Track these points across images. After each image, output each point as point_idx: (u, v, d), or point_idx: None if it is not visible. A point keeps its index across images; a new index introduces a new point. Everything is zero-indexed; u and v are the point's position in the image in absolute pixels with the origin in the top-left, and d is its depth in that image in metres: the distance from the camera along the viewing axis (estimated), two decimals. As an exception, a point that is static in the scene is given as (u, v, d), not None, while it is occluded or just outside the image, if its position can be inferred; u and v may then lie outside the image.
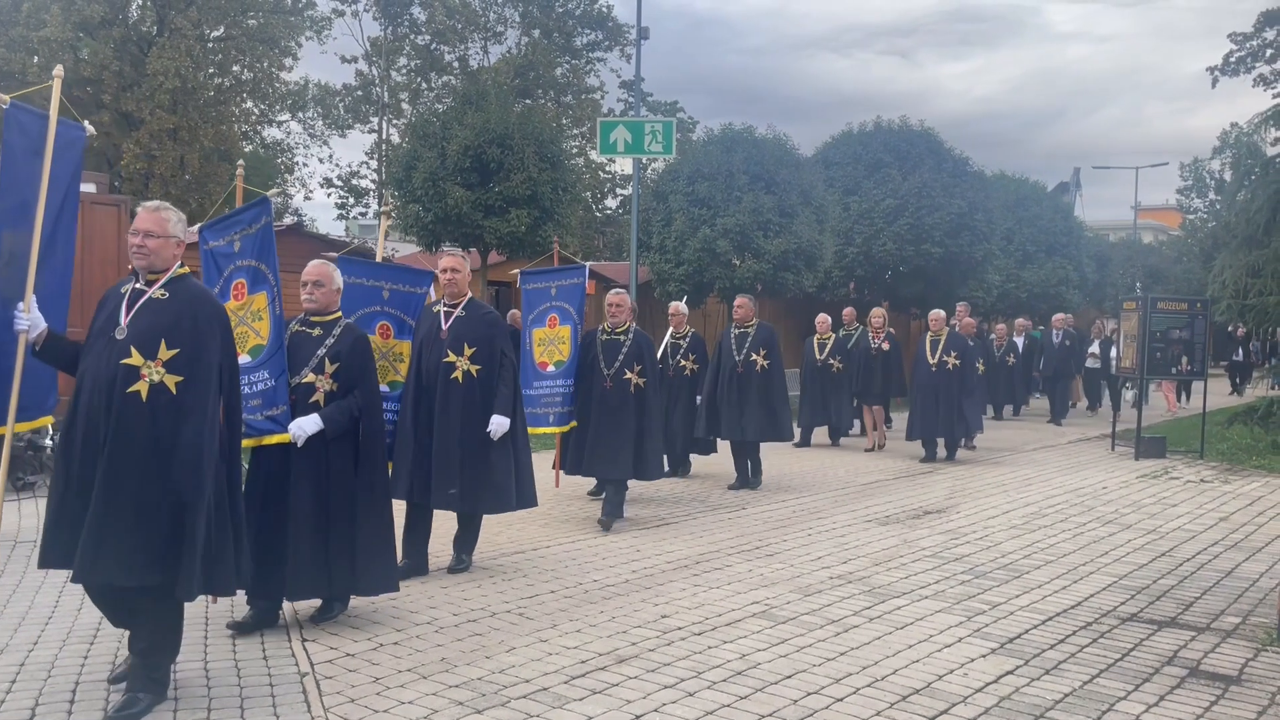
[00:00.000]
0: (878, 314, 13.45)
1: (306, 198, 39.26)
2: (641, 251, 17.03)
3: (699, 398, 9.96)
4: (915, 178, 19.71)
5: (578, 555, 6.87)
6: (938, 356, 12.07)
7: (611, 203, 35.72)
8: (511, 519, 7.91)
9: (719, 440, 10.28)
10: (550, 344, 7.87)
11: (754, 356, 9.82)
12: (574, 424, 7.85)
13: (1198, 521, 8.72)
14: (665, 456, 9.25)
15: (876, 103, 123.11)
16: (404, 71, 36.41)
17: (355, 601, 5.53)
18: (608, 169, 34.37)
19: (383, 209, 7.17)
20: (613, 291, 8.05)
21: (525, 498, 6.35)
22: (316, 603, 5.22)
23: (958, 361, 12.01)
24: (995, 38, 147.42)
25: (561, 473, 8.45)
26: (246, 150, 34.44)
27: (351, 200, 37.37)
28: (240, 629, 4.98)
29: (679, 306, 10.29)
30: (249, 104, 32.86)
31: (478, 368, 6.09)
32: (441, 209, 13.78)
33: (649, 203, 17.68)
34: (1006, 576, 6.60)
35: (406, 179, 14.17)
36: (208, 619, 5.14)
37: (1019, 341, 18.08)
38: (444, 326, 6.13)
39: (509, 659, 4.72)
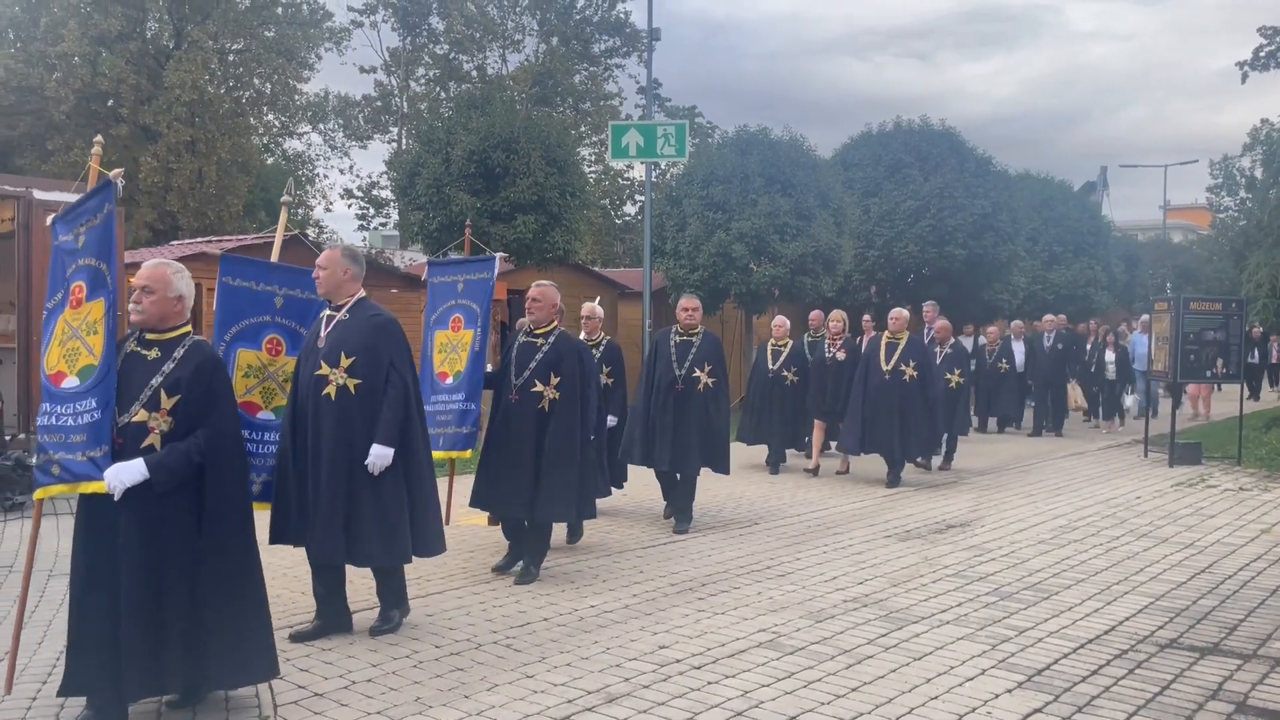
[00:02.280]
0: (836, 317, 11.58)
1: (327, 209, 39.17)
2: (656, 257, 16.69)
3: (611, 418, 8.07)
4: (937, 178, 19.26)
5: (576, 578, 6.49)
6: (893, 363, 10.46)
7: (630, 209, 35.44)
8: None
9: (628, 467, 8.50)
10: (451, 350, 6.63)
11: (698, 372, 8.08)
12: (470, 451, 6.58)
13: (1238, 534, 8.24)
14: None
15: (895, 105, 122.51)
16: (423, 81, 36.31)
17: (333, 633, 5.20)
18: (626, 175, 34.10)
19: (283, 199, 6.00)
20: (535, 285, 6.64)
21: (425, 543, 5.17)
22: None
23: (915, 373, 10.43)
24: (1014, 38, 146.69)
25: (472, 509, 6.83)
26: (268, 162, 34.45)
27: (371, 211, 37.28)
28: None
29: (593, 308, 8.60)
30: (269, 116, 32.83)
31: (356, 382, 4.92)
32: (446, 216, 13.50)
33: (663, 207, 17.33)
34: (1034, 598, 6.17)
35: (410, 185, 13.91)
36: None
37: (1019, 346, 16.27)
38: (322, 333, 5.05)
39: (489, 699, 4.36)
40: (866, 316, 13.15)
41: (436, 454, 6.33)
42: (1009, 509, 9.32)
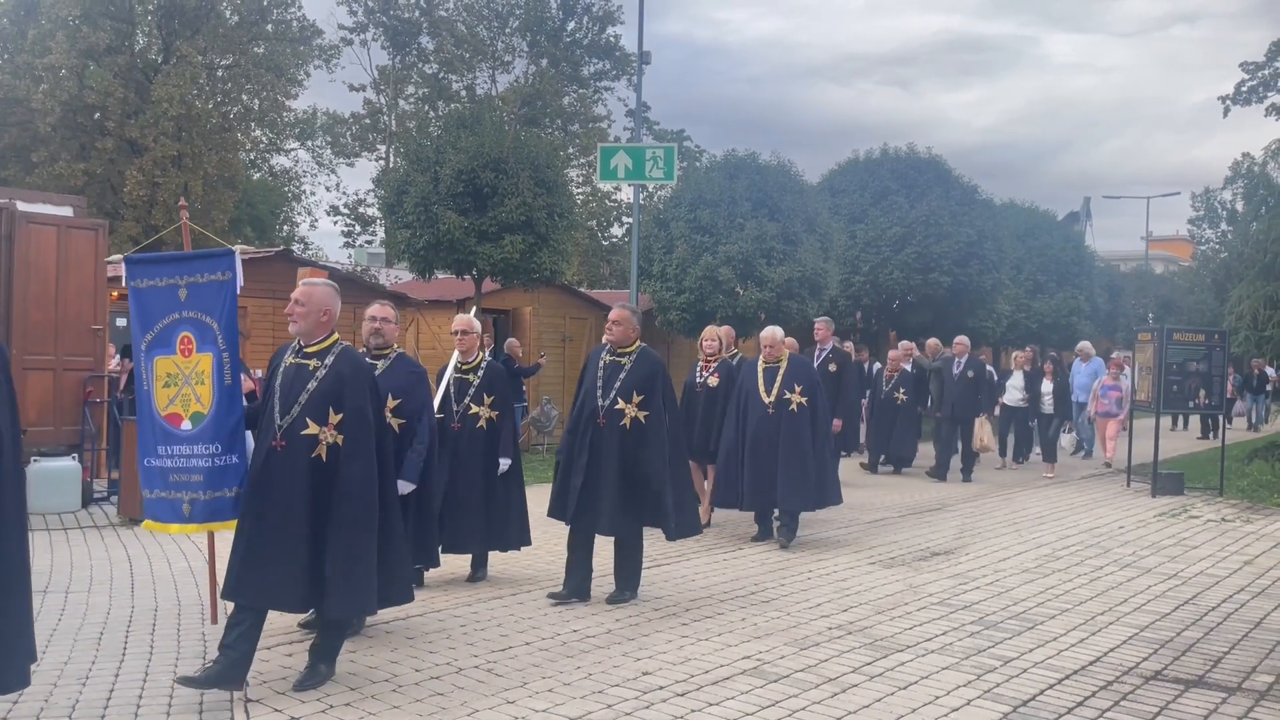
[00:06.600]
0: (710, 335, 9.35)
1: (312, 226, 39.10)
2: (643, 279, 16.67)
3: (504, 461, 6.69)
4: (923, 205, 19.37)
5: (559, 601, 6.43)
6: (775, 393, 8.44)
7: (617, 231, 35.53)
8: (494, 557, 7.46)
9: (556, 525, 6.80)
10: (184, 384, 4.94)
11: (621, 404, 6.28)
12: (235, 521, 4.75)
13: (1221, 565, 8.25)
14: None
15: (878, 132, 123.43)
16: (412, 100, 36.36)
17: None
18: (614, 197, 34.20)
19: None
20: (302, 284, 4.90)
21: (9, 673, 3.37)
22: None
23: (804, 400, 8.45)
24: (996, 69, 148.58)
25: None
26: (254, 178, 34.39)
27: (358, 228, 37.21)
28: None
29: (467, 320, 6.85)
30: (257, 132, 32.79)
31: None
32: (433, 234, 13.48)
33: (650, 229, 17.35)
34: (1019, 627, 6.14)
35: (398, 203, 13.89)
36: (146, 674, 4.73)
37: (906, 368, 14.26)
38: None
39: (469, 724, 4.29)
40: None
41: (184, 526, 4.94)
42: (993, 537, 9.31)
